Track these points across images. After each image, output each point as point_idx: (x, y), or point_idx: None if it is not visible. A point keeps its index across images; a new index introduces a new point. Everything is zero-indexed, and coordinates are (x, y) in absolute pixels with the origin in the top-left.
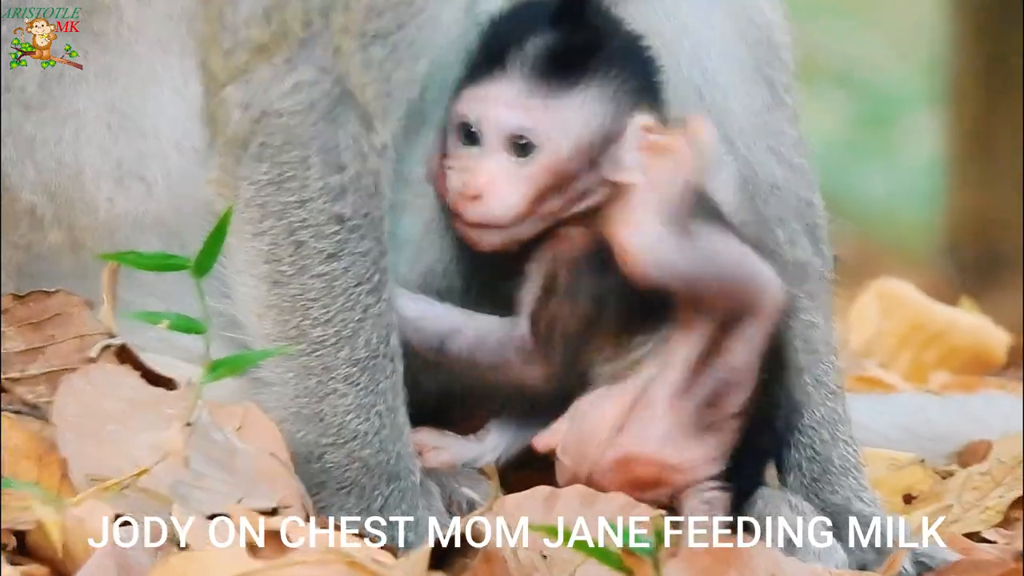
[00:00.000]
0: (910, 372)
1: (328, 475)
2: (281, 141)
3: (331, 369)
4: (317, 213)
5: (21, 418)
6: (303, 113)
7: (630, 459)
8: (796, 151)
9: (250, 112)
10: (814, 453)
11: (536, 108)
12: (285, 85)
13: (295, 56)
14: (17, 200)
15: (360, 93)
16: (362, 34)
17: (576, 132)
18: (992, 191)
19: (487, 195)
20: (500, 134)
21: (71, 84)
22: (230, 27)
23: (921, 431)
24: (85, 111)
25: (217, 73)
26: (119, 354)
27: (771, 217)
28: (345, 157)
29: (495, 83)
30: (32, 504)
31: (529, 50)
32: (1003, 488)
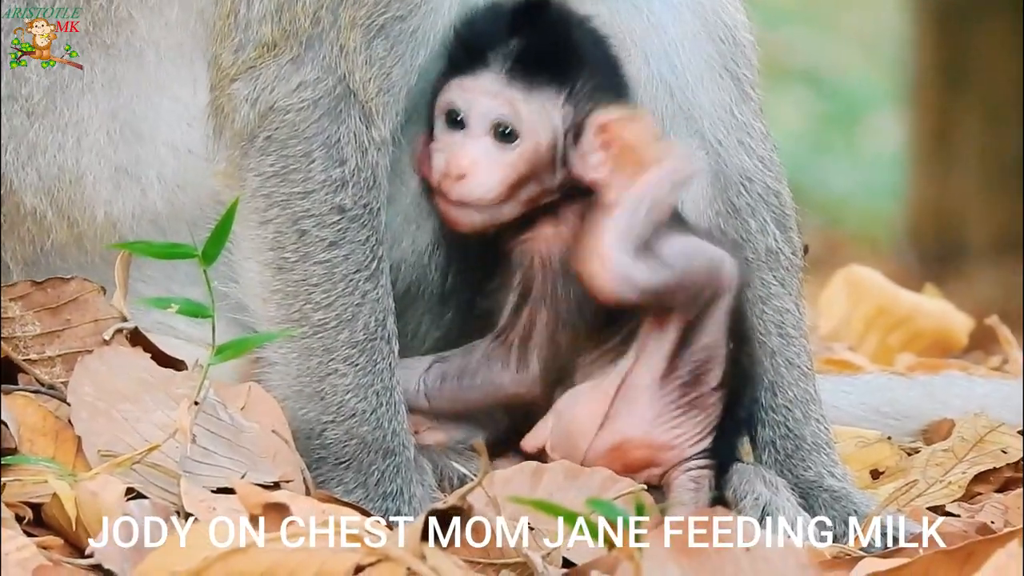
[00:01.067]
0: (877, 354)
1: (328, 451)
2: (286, 135)
3: (331, 350)
4: (319, 204)
5: (38, 397)
6: (307, 109)
7: (623, 443)
8: (763, 144)
9: (257, 107)
10: (787, 431)
11: (517, 100)
12: (291, 83)
13: (301, 55)
14: (21, 203)
15: (362, 90)
16: (368, 28)
17: (551, 125)
18: (952, 184)
19: (470, 175)
20: (485, 121)
21: (76, 94)
22: (242, 24)
23: (887, 410)
24: (88, 119)
25: (227, 68)
26: (131, 337)
27: (742, 207)
28: (346, 151)
29: (480, 76)
30: (48, 478)
31: (508, 48)
32: (965, 464)
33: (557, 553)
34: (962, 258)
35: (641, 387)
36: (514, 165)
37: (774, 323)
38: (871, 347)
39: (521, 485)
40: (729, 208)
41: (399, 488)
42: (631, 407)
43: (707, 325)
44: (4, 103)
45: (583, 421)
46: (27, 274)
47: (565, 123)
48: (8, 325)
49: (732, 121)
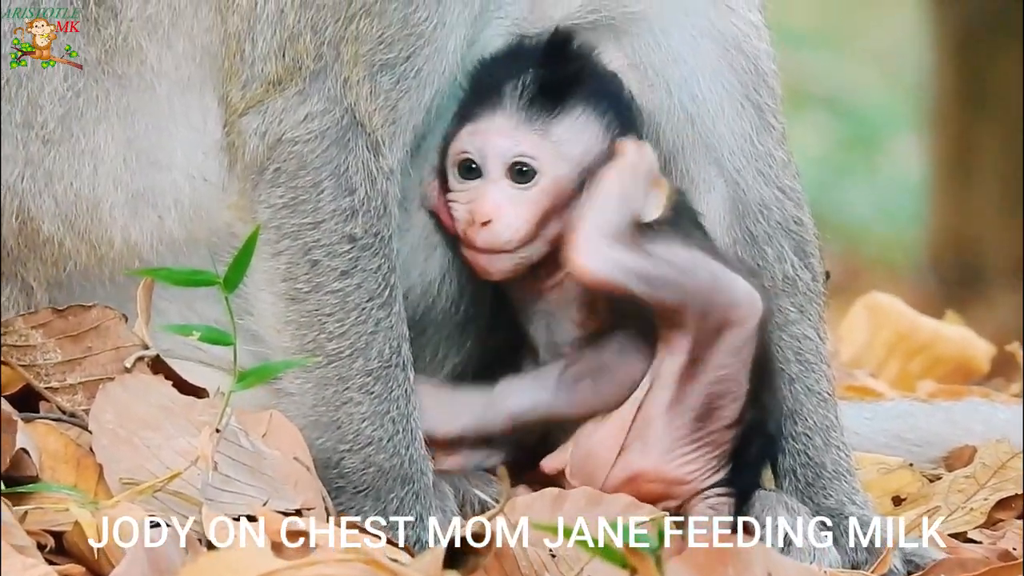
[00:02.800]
0: (898, 381)
1: (346, 479)
2: (295, 167)
3: (347, 379)
4: (330, 233)
5: (60, 425)
6: (315, 140)
7: (636, 476)
8: (784, 172)
9: (266, 140)
10: (808, 459)
11: (533, 136)
12: (298, 115)
13: (307, 88)
14: (39, 231)
15: (368, 121)
16: (371, 64)
17: (571, 156)
18: (973, 209)
19: (495, 220)
20: (502, 163)
21: (92, 122)
22: (248, 61)
23: (909, 437)
24: (104, 147)
25: (235, 104)
26: (153, 365)
27: (759, 234)
28: (355, 180)
29: (493, 117)
30: (69, 506)
31: (521, 85)
32: (987, 490)
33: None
34: (983, 283)
35: (654, 418)
36: (536, 202)
37: (792, 350)
38: (892, 373)
39: (543, 511)
40: (746, 236)
41: (418, 515)
42: (645, 440)
43: (717, 355)
44: (20, 130)
45: (601, 451)
46: (51, 295)
47: (588, 153)
48: (29, 353)
49: (752, 150)
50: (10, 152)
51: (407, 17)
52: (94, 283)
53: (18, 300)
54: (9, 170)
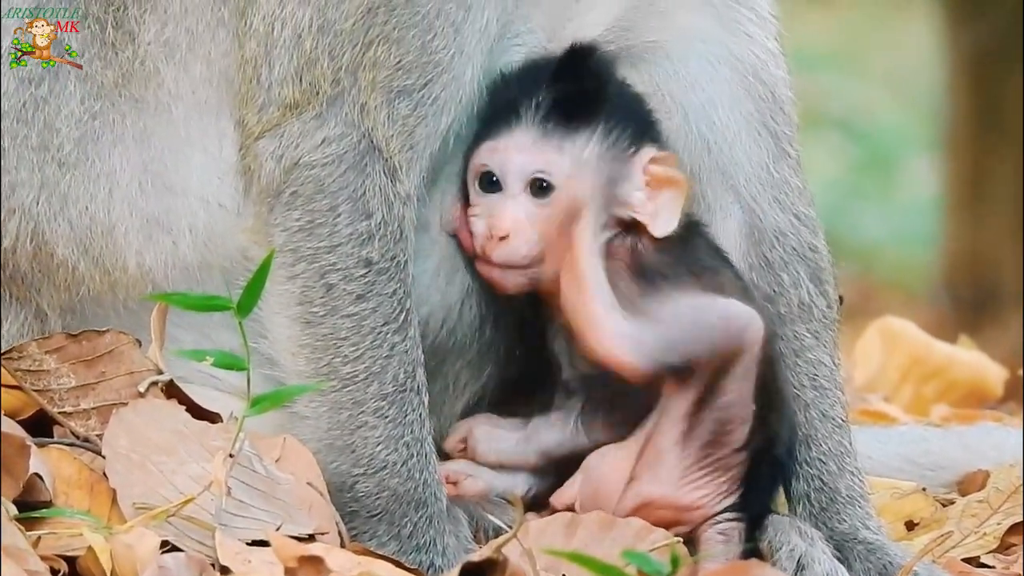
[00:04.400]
0: (912, 405)
1: (359, 504)
2: (312, 191)
3: (361, 403)
4: (346, 257)
5: (73, 450)
6: (332, 165)
7: (648, 503)
8: (800, 200)
9: (282, 164)
10: (822, 484)
11: (551, 151)
12: (315, 139)
13: (324, 112)
14: (53, 255)
15: (386, 146)
16: (389, 90)
17: (589, 172)
18: (987, 232)
19: (512, 235)
20: (521, 178)
21: (108, 145)
22: (264, 85)
23: (922, 461)
24: (120, 171)
25: (252, 127)
26: (166, 389)
27: (775, 260)
28: (372, 205)
29: (512, 133)
30: (83, 531)
31: (539, 100)
32: (1000, 515)
33: None
34: (997, 306)
35: (664, 450)
36: (553, 219)
37: (808, 376)
38: (906, 398)
39: (555, 536)
40: (762, 261)
41: (432, 539)
42: (654, 469)
43: (728, 383)
44: (35, 153)
45: (609, 481)
46: (64, 321)
47: (605, 165)
48: (43, 378)
49: (768, 178)
50: (26, 176)
51: (425, 45)
52: (107, 309)
53: (32, 326)
54: (24, 193)
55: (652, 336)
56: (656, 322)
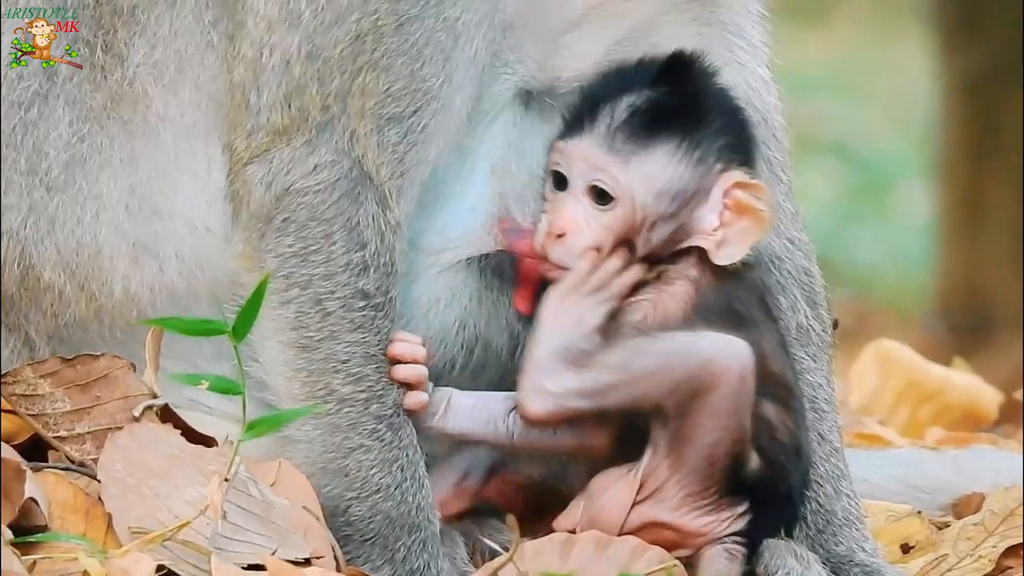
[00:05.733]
0: (907, 428)
1: (353, 528)
2: (305, 217)
3: (357, 426)
4: (343, 286)
5: (68, 474)
6: (326, 191)
7: (652, 524)
8: (793, 225)
9: (273, 190)
10: (818, 506)
11: (615, 163)
12: (307, 165)
13: (314, 138)
14: (40, 278)
15: (376, 173)
16: (378, 117)
17: (657, 188)
18: (982, 256)
19: (569, 234)
20: (583, 182)
21: (95, 169)
22: (253, 111)
23: (918, 484)
24: (107, 194)
25: (240, 153)
26: (161, 414)
27: (772, 284)
28: (366, 234)
29: (581, 137)
30: (78, 556)
31: (618, 106)
32: (996, 538)
33: None
34: (991, 330)
35: (662, 481)
36: (610, 227)
37: (807, 398)
38: (901, 421)
39: (551, 556)
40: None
41: (426, 563)
42: (657, 494)
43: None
44: (24, 177)
45: (612, 512)
46: (51, 348)
47: (684, 181)
48: (38, 402)
49: None
50: (15, 200)
51: (414, 73)
52: (93, 336)
53: (21, 354)
54: (12, 217)
55: (578, 383)
56: (594, 368)
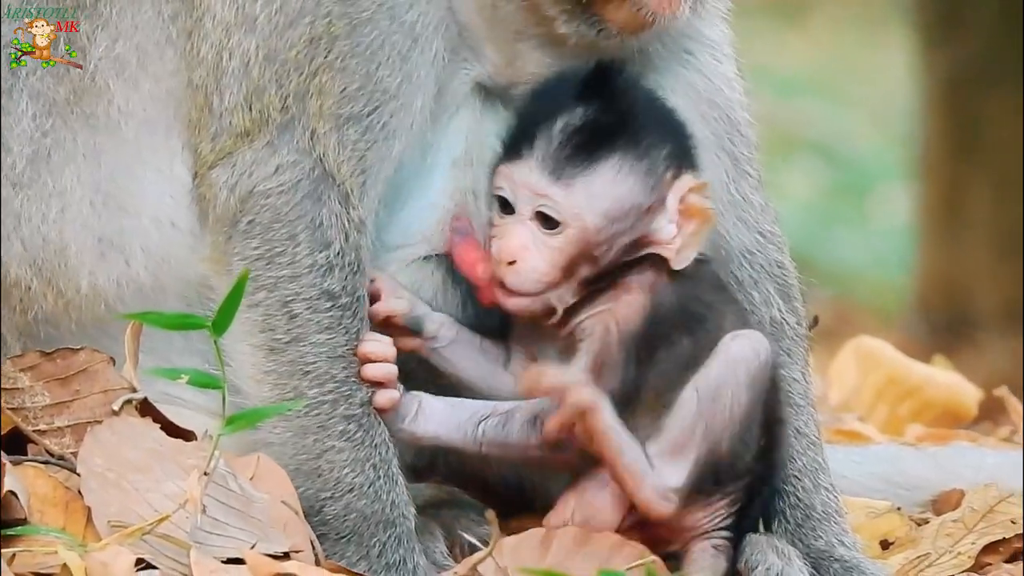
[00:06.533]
0: (887, 425)
1: (328, 526)
2: (269, 219)
3: (327, 427)
4: (308, 288)
5: (48, 468)
6: (289, 192)
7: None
8: (764, 218)
9: (237, 192)
10: (797, 500)
11: (558, 189)
12: (269, 167)
13: (276, 140)
14: (8, 274)
15: (337, 171)
16: (336, 116)
17: (605, 207)
18: (961, 255)
19: (520, 261)
20: (529, 207)
21: (59, 164)
22: (216, 114)
23: (897, 481)
24: (72, 190)
25: (206, 156)
26: (141, 408)
27: (745, 280)
28: (330, 234)
29: (523, 162)
30: (58, 549)
31: (556, 129)
32: (975, 535)
33: None
34: (971, 329)
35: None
36: (561, 250)
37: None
38: (881, 418)
39: (530, 552)
40: (733, 280)
41: (402, 558)
42: None
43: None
44: None
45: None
46: (24, 344)
47: (639, 196)
48: (17, 396)
49: (730, 198)
50: None
51: (370, 73)
52: (62, 331)
53: None
54: None
55: (688, 466)
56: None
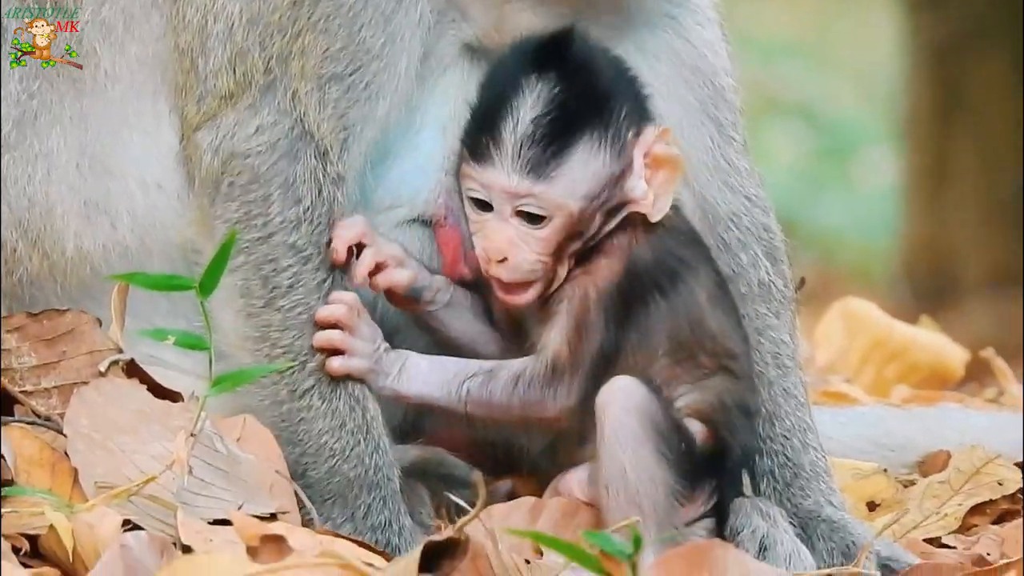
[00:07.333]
0: (873, 387)
1: (312, 489)
2: (247, 180)
3: (300, 395)
4: (276, 247)
5: (35, 429)
6: (266, 153)
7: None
8: (750, 181)
9: (220, 154)
10: (786, 459)
11: (538, 187)
12: (249, 128)
13: (258, 101)
14: None
15: (316, 129)
16: (318, 76)
17: (585, 188)
18: (946, 218)
19: (510, 257)
20: (510, 207)
21: (45, 126)
22: (201, 77)
23: (884, 442)
24: (57, 152)
25: (191, 118)
26: (127, 369)
27: (732, 242)
28: (302, 190)
29: (493, 166)
30: (45, 510)
31: (521, 125)
32: (961, 496)
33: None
34: (957, 292)
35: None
36: (548, 239)
37: (771, 354)
38: (867, 379)
39: (520, 520)
40: (720, 243)
41: (387, 520)
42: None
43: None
44: None
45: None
46: (8, 306)
47: (611, 166)
48: (4, 357)
49: (715, 163)
50: None
51: (352, 34)
52: (48, 294)
53: None
54: None
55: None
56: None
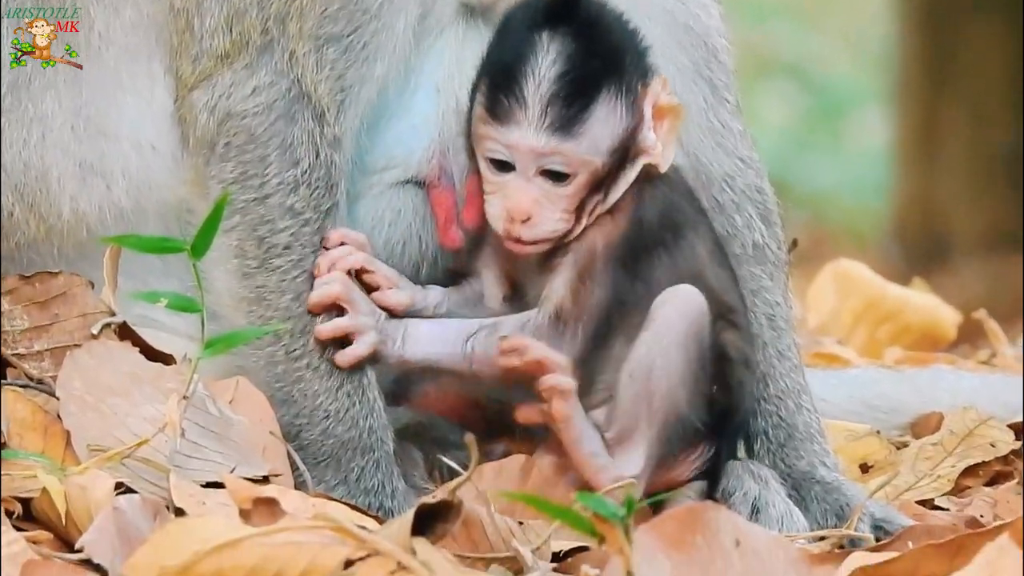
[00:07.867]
0: (865, 348)
1: (305, 451)
2: (243, 140)
3: (296, 357)
4: (273, 208)
5: (27, 392)
6: (263, 114)
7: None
8: (742, 143)
9: (216, 114)
10: (780, 420)
11: (566, 145)
12: (246, 89)
13: (254, 61)
14: None
15: (314, 91)
16: (316, 38)
17: (608, 143)
18: (938, 179)
19: (535, 216)
20: (535, 166)
21: (40, 89)
22: (197, 36)
23: (876, 404)
24: (52, 115)
25: (187, 78)
26: (120, 331)
27: (727, 203)
28: (299, 152)
29: (516, 125)
30: (37, 473)
31: (542, 83)
32: (954, 458)
33: (546, 547)
34: (948, 253)
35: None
36: (573, 196)
37: (765, 316)
38: (860, 341)
39: (510, 479)
40: (714, 205)
41: (380, 483)
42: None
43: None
44: None
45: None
46: (6, 270)
47: (624, 114)
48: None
49: (708, 125)
50: None
51: None
52: (44, 257)
53: None
54: None
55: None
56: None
